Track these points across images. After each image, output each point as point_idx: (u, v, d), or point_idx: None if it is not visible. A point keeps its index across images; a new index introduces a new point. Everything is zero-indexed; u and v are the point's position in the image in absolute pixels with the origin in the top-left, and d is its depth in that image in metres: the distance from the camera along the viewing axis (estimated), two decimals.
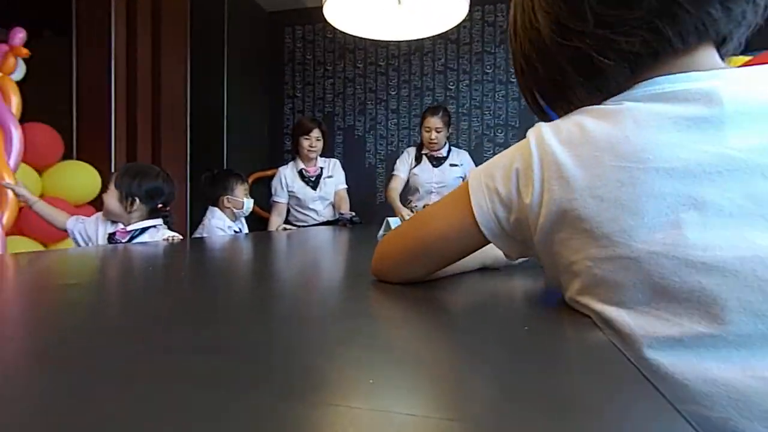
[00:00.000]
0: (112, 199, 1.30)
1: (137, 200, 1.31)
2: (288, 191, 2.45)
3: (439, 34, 2.04)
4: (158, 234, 1.29)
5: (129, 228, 1.28)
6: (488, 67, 3.10)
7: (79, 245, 1.33)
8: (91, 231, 1.31)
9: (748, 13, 0.37)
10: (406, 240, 0.51)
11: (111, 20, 2.49)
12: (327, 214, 2.50)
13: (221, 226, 1.67)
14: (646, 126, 0.35)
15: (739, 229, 0.31)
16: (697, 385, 0.32)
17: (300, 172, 2.45)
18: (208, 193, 1.75)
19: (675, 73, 0.37)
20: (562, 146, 0.37)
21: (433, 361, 0.30)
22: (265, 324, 0.39)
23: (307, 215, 2.48)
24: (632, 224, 0.33)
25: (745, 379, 0.30)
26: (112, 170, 2.26)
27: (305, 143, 2.40)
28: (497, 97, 3.10)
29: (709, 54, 0.39)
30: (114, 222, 1.31)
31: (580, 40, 0.39)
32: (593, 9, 0.38)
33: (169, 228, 1.32)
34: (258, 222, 3.00)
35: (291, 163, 2.51)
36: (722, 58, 0.40)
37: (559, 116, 0.43)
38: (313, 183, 2.45)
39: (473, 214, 0.43)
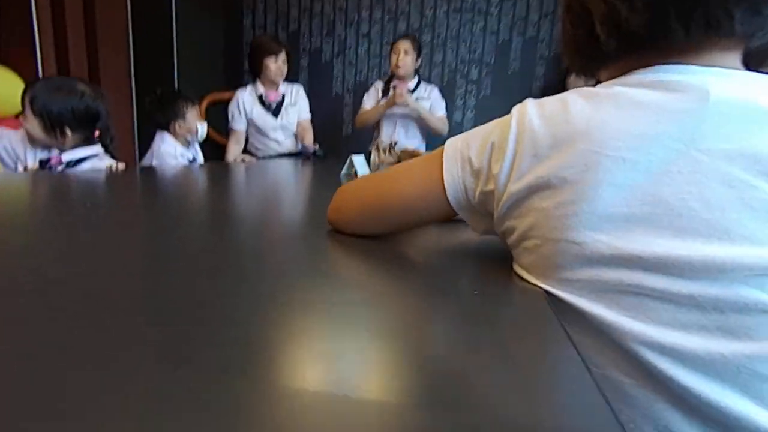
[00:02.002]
0: (35, 128, 1.04)
1: (68, 129, 1.06)
2: (246, 118, 2.29)
3: None
4: (101, 164, 1.11)
5: (65, 158, 1.09)
6: None
7: (5, 165, 1.13)
8: (18, 149, 1.09)
9: None
10: (368, 196, 0.48)
11: None
12: (289, 145, 2.38)
13: (172, 152, 1.52)
14: (626, 114, 0.34)
15: (683, 231, 0.32)
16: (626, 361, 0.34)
17: (260, 98, 2.27)
18: (155, 118, 1.56)
19: (674, 63, 0.35)
20: (542, 122, 0.37)
21: (386, 334, 0.29)
22: (209, 282, 0.35)
23: (268, 145, 2.35)
24: (586, 210, 0.34)
25: (671, 368, 0.32)
26: None
27: (272, 66, 2.19)
28: (475, 29, 2.93)
29: (720, 55, 0.36)
30: (46, 147, 1.12)
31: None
32: None
33: (112, 156, 1.15)
34: (215, 149, 2.82)
35: (250, 87, 2.31)
36: (750, 64, 0.37)
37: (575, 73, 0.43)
38: (274, 110, 2.29)
39: (443, 181, 0.42)
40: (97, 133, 1.10)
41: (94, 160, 1.11)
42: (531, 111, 0.38)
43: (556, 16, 2.82)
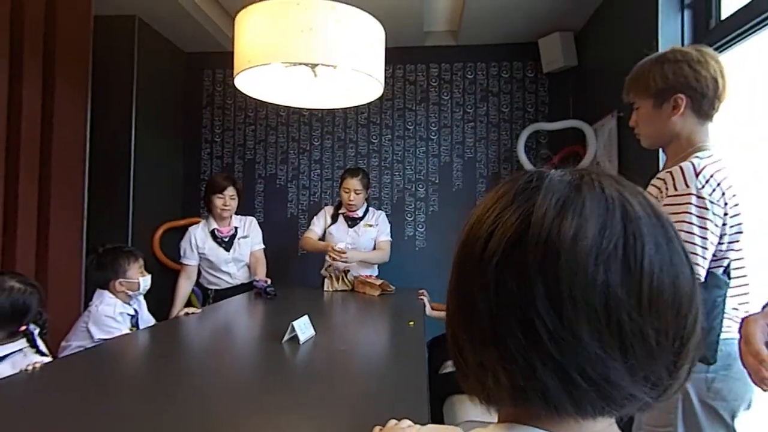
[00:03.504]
0: None
1: None
2: (199, 253, 2.29)
3: None
4: (25, 360, 1.03)
5: None
6: (410, 123, 3.22)
7: None
8: None
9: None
10: None
11: None
12: (241, 276, 2.37)
13: (111, 313, 1.47)
14: None
15: None
16: None
17: (212, 233, 2.31)
18: (95, 277, 1.54)
19: (537, 428, 0.35)
20: None
21: None
22: None
23: (220, 278, 2.33)
24: None
25: None
26: None
27: (218, 202, 2.28)
28: (418, 152, 3.22)
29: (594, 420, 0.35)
30: None
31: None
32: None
33: (38, 349, 1.07)
34: (170, 277, 2.75)
35: (203, 222, 2.36)
36: None
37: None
38: (227, 244, 2.32)
39: None
40: (23, 327, 1.06)
41: (17, 356, 1.04)
42: None
43: (490, 139, 3.17)
